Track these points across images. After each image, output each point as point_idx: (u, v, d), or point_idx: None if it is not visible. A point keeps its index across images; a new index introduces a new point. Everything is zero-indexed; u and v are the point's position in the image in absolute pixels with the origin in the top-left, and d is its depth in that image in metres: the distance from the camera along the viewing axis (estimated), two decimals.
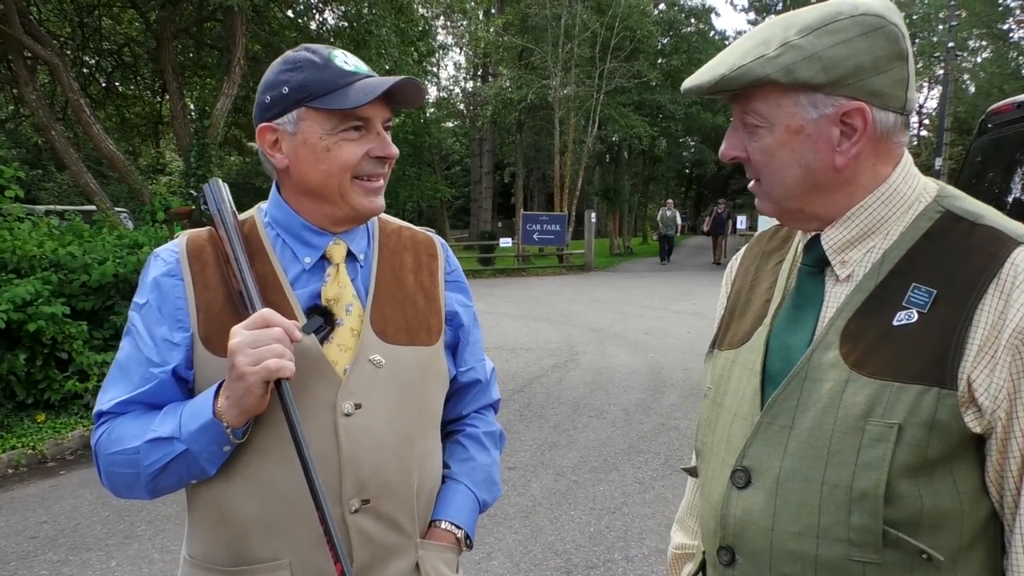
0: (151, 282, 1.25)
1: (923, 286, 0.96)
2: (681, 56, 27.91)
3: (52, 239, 6.67)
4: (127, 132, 18.37)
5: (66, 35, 14.28)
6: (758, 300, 1.18)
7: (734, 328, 1.20)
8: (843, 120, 0.98)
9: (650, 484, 4.80)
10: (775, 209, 1.08)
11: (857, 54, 0.95)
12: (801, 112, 0.98)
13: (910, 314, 0.96)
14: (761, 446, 1.03)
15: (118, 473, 1.20)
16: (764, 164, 1.03)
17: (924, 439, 0.91)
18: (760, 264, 1.23)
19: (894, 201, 1.02)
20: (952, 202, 1.02)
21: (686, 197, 59.68)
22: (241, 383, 1.09)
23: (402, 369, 1.28)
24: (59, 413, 6.12)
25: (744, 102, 1.02)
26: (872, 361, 0.96)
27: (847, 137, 0.99)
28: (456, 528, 1.36)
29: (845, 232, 1.04)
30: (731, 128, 1.07)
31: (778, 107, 0.99)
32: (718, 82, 0.99)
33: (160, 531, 4.20)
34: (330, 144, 1.20)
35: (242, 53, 12.40)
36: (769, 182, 1.05)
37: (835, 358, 0.99)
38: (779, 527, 1.00)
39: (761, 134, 1.02)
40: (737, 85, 0.98)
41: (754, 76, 0.97)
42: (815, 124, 0.98)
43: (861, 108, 0.97)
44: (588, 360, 8.73)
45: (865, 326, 0.99)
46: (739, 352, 1.15)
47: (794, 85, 0.96)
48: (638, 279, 19.31)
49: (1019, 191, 3.59)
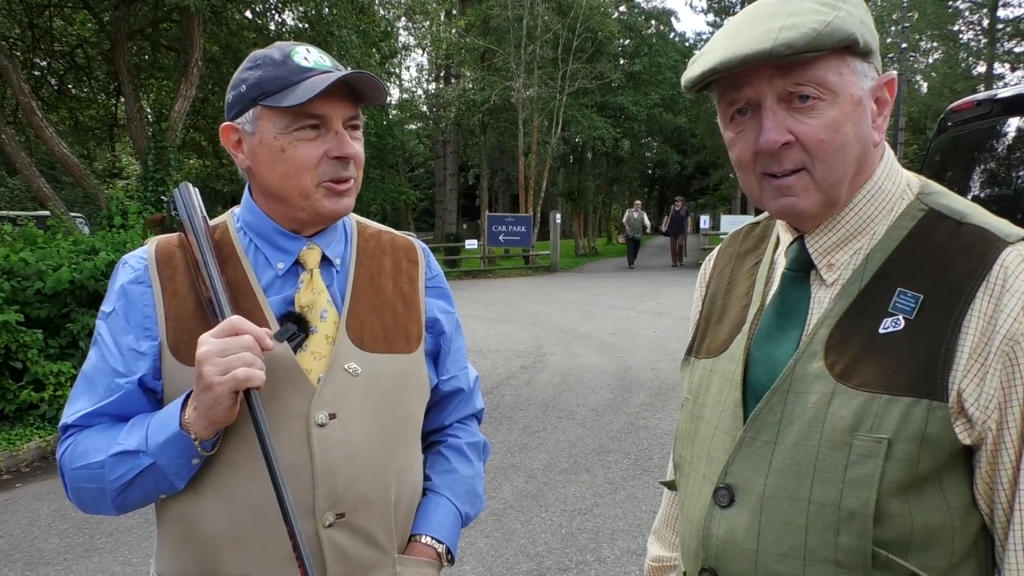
0: (118, 289, 1.21)
1: (909, 291, 0.92)
2: (643, 60, 28.13)
3: (4, 245, 6.48)
4: (81, 135, 17.96)
5: (15, 36, 13.89)
6: (735, 305, 1.12)
7: (711, 335, 1.14)
8: (877, 93, 0.94)
9: (620, 484, 4.81)
10: (821, 201, 0.96)
11: (871, 20, 0.93)
12: (859, 81, 0.92)
13: (896, 321, 0.91)
14: (744, 462, 0.98)
15: (84, 488, 1.15)
16: (827, 143, 0.91)
17: (915, 454, 0.87)
18: (735, 265, 1.18)
19: (879, 198, 0.98)
20: (936, 199, 0.98)
21: (649, 197, 60.14)
22: (209, 394, 1.05)
23: (379, 378, 1.24)
24: (14, 424, 5.93)
25: (803, 72, 0.90)
26: (858, 372, 0.91)
27: (880, 113, 0.95)
28: (437, 543, 1.31)
29: (832, 234, 0.99)
30: (768, 112, 0.93)
31: (840, 76, 0.91)
32: (814, 38, 0.86)
33: (121, 543, 4.08)
34: (284, 144, 1.16)
35: (199, 54, 12.19)
36: (830, 163, 0.93)
37: (820, 369, 0.94)
38: (764, 548, 0.95)
39: (821, 108, 0.91)
40: (830, 43, 0.87)
41: (845, 32, 0.88)
42: (867, 95, 0.93)
43: (893, 79, 0.93)
44: (556, 361, 8.73)
45: (850, 334, 0.94)
46: (717, 361, 1.09)
47: (864, 48, 0.91)
48: (604, 279, 19.40)
49: (978, 189, 3.67)
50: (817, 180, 0.94)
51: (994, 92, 3.85)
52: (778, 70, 0.91)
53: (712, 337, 1.14)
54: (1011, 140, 3.61)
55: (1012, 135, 3.59)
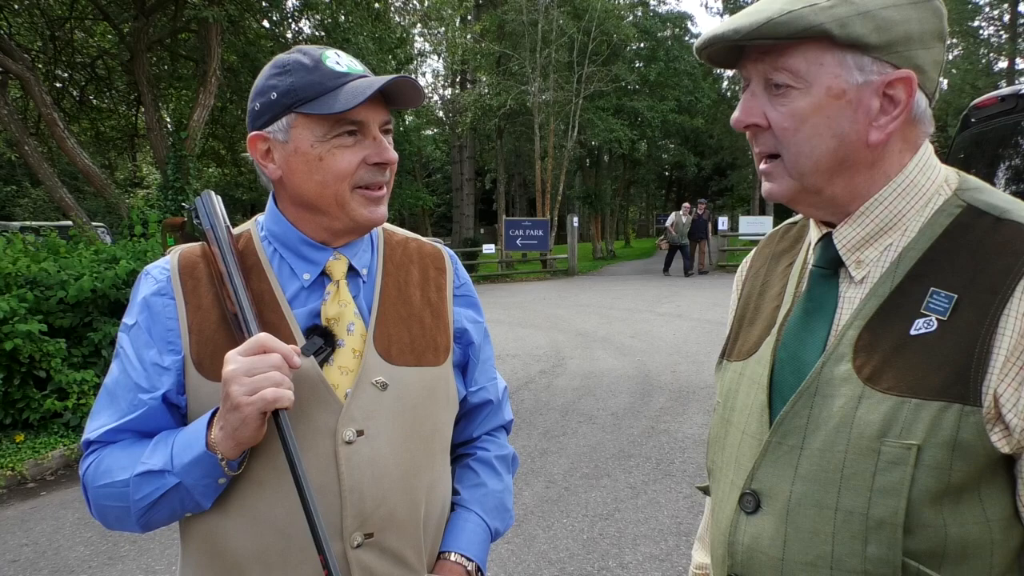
0: (140, 302, 1.18)
1: (943, 291, 0.88)
2: (659, 65, 28.05)
3: (27, 256, 6.56)
4: (102, 146, 18.21)
5: (37, 48, 14.12)
6: (768, 306, 1.09)
7: (743, 337, 1.11)
8: (886, 91, 0.90)
9: (642, 489, 4.77)
10: (794, 187, 0.96)
11: (908, 21, 0.88)
12: (846, 74, 0.89)
13: (929, 322, 0.87)
14: (770, 468, 0.95)
15: (108, 507, 1.13)
16: (792, 131, 0.92)
17: (946, 461, 0.83)
18: (770, 267, 1.14)
19: (912, 193, 0.94)
20: (974, 195, 0.93)
21: (667, 200, 59.98)
22: (236, 414, 1.02)
23: (408, 392, 1.20)
24: (38, 433, 5.99)
25: (777, 59, 0.91)
26: (887, 375, 0.87)
27: (885, 112, 0.90)
28: (467, 560, 1.27)
29: (860, 228, 0.95)
30: (747, 93, 0.95)
31: (820, 66, 0.89)
32: (763, 26, 0.88)
33: (144, 551, 4.10)
34: (323, 152, 1.12)
35: (217, 64, 12.33)
36: (795, 152, 0.93)
37: (847, 371, 0.91)
38: (789, 556, 0.92)
39: (793, 96, 0.91)
40: (784, 32, 0.87)
41: (806, 23, 0.87)
42: (858, 90, 0.89)
43: (909, 77, 0.89)
44: (575, 365, 8.69)
45: (880, 336, 0.90)
46: (747, 364, 1.06)
47: (846, 41, 0.87)
48: (622, 282, 19.33)
49: (1003, 185, 3.61)
50: (787, 167, 0.95)
51: (1018, 88, 3.78)
52: (761, 54, 0.92)
53: (744, 339, 1.11)
54: None
55: None
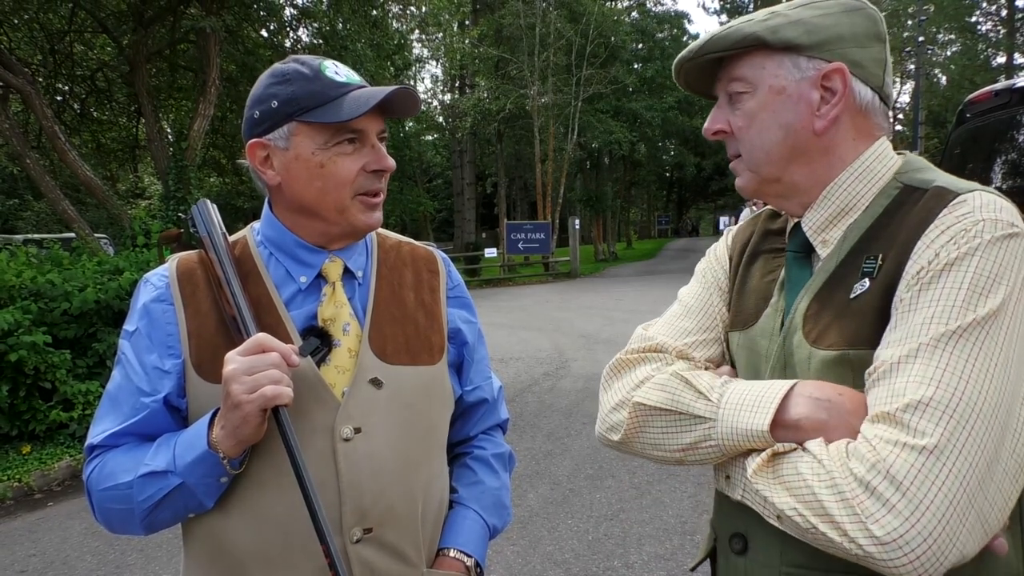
0: (140, 308, 1.21)
1: (873, 255, 0.98)
2: (656, 63, 28.09)
3: (31, 268, 6.59)
4: (104, 157, 18.24)
5: (37, 62, 14.17)
6: (760, 281, 1.16)
7: (736, 309, 1.18)
8: (823, 84, 1.01)
9: (646, 489, 4.78)
10: (754, 180, 1.09)
11: (839, 25, 1.01)
12: (784, 73, 1.02)
13: (863, 284, 0.97)
14: None
15: (112, 509, 1.15)
16: (745, 129, 1.06)
17: None
18: (758, 242, 1.21)
19: (867, 178, 1.04)
20: (912, 176, 1.03)
21: (668, 200, 59.98)
22: (237, 412, 1.04)
23: (403, 390, 1.24)
24: (45, 444, 6.02)
25: (730, 69, 1.06)
26: (829, 335, 0.97)
27: (826, 102, 1.02)
28: (465, 556, 1.30)
29: (823, 212, 1.05)
30: (716, 107, 1.11)
31: (762, 69, 1.03)
32: (706, 43, 1.05)
33: (152, 559, 4.12)
34: (324, 160, 1.15)
35: (217, 73, 12.35)
36: (749, 147, 1.07)
37: (799, 339, 1.01)
38: None
39: (744, 100, 1.05)
40: (726, 44, 1.03)
41: (741, 34, 1.01)
42: (797, 85, 1.02)
43: (840, 68, 1.00)
44: (578, 367, 8.71)
45: (826, 304, 1.00)
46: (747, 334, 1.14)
47: (780, 45, 1.01)
48: (624, 284, 19.34)
49: (1000, 180, 3.62)
50: (746, 162, 1.09)
51: (1012, 82, 3.80)
52: (723, 71, 1.08)
53: (739, 310, 1.18)
54: None
55: None
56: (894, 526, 0.78)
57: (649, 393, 1.05)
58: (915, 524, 0.78)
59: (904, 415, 0.82)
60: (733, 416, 0.95)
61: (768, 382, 0.98)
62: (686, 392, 1.02)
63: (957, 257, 0.87)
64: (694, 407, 1.00)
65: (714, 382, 1.02)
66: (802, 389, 0.94)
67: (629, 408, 1.07)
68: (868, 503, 0.80)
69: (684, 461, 1.04)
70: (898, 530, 0.78)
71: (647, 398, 1.05)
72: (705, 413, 0.99)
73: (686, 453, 1.02)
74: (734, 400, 0.97)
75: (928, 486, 0.78)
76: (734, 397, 0.97)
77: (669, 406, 1.03)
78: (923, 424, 0.81)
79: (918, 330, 0.86)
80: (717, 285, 1.23)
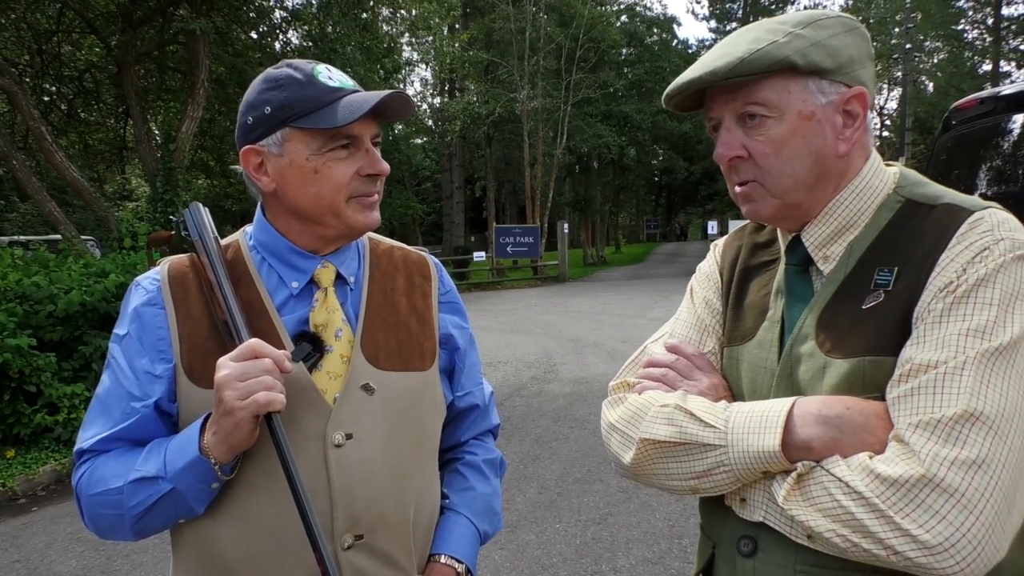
0: (131, 312, 1.20)
1: (886, 267, 0.99)
2: (645, 65, 28.21)
3: (16, 270, 6.53)
4: (91, 159, 18.16)
5: (25, 62, 14.09)
6: (757, 295, 1.17)
7: (732, 324, 1.19)
8: (845, 107, 1.02)
9: (634, 493, 4.79)
10: (777, 205, 1.06)
11: (848, 47, 1.02)
12: (811, 98, 1.01)
13: (877, 295, 0.98)
14: None
15: (102, 515, 1.14)
16: (772, 156, 1.03)
17: None
18: (747, 256, 1.22)
19: (867, 194, 1.05)
20: (912, 190, 1.05)
21: (656, 204, 60.15)
22: (230, 418, 1.04)
23: (395, 396, 1.23)
24: (29, 448, 5.96)
25: (748, 94, 1.02)
26: (846, 344, 0.98)
27: (847, 125, 1.03)
28: (456, 562, 1.30)
29: (825, 227, 1.06)
30: (723, 130, 1.06)
31: (788, 94, 1.01)
32: (737, 65, 0.98)
33: (137, 565, 4.09)
34: (318, 165, 1.14)
35: (206, 75, 12.32)
36: (777, 175, 1.03)
37: (811, 348, 1.02)
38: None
39: (769, 125, 1.02)
40: (758, 68, 0.99)
41: (774, 58, 0.98)
42: (824, 110, 1.01)
43: (863, 92, 1.02)
44: (567, 371, 8.71)
45: (838, 314, 1.01)
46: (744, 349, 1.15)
47: (808, 69, 0.99)
48: (613, 288, 19.38)
49: (985, 187, 3.65)
50: (769, 189, 1.05)
51: (997, 89, 3.83)
52: (730, 93, 1.03)
53: (735, 325, 1.18)
54: (1016, 137, 3.59)
55: (1017, 132, 3.57)
56: (946, 535, 0.83)
57: (655, 428, 1.06)
58: (966, 533, 0.83)
59: (955, 427, 0.87)
60: (742, 440, 0.97)
61: (768, 402, 0.99)
62: (691, 423, 1.03)
63: (986, 274, 0.91)
64: (702, 436, 1.01)
65: (715, 408, 1.03)
66: (808, 407, 0.95)
67: (636, 445, 1.08)
68: (916, 513, 0.85)
69: (698, 489, 1.04)
70: (950, 539, 0.83)
71: (654, 433, 1.06)
72: (714, 440, 1.00)
73: (700, 481, 1.03)
74: (740, 424, 0.98)
75: (978, 498, 0.84)
76: (739, 420, 0.98)
77: (677, 439, 1.03)
78: (972, 437, 0.86)
79: (955, 341, 0.90)
80: (707, 304, 1.25)
